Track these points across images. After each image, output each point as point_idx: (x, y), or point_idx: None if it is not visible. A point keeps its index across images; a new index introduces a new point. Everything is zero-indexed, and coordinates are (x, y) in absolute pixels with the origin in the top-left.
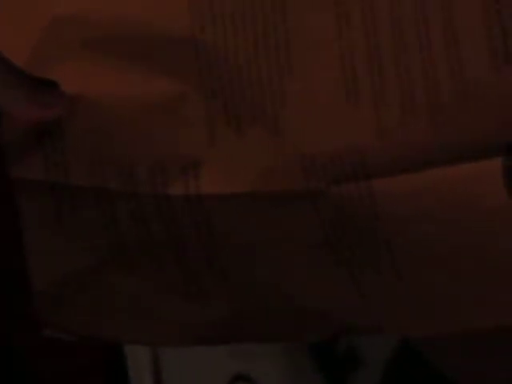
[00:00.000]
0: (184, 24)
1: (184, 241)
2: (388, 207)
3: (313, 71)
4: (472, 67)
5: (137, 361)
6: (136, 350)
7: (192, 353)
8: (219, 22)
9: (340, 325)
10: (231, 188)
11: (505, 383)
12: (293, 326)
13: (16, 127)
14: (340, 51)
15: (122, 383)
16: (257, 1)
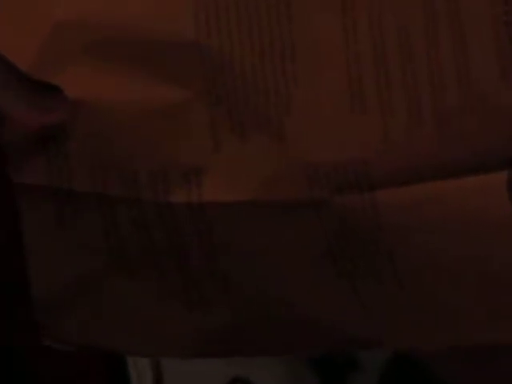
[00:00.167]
0: (189, 30)
1: (186, 248)
2: (391, 218)
3: (319, 80)
4: (480, 79)
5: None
6: None
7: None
8: (225, 29)
9: (341, 337)
10: (234, 196)
11: None
12: (293, 338)
13: (18, 131)
14: (346, 60)
15: None
16: (263, 9)
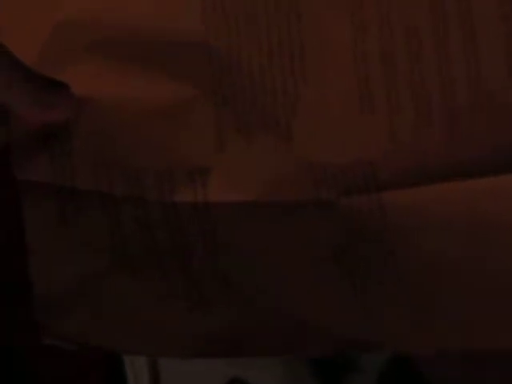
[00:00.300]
0: (196, 29)
1: (189, 248)
2: (397, 219)
3: (327, 81)
4: (489, 77)
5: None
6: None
7: None
8: (233, 28)
9: (340, 339)
10: (239, 196)
11: None
12: (292, 339)
13: (23, 128)
14: (354, 60)
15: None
16: (272, 9)
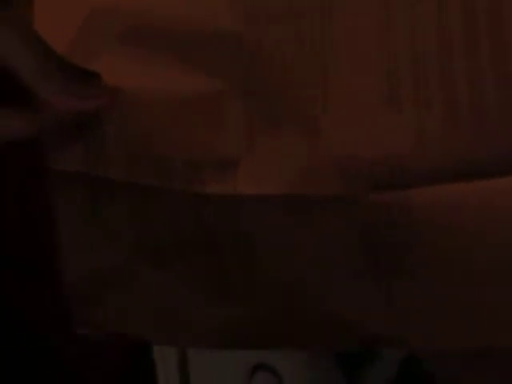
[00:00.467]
0: (226, 20)
1: (216, 240)
2: (421, 216)
3: (357, 76)
4: None
5: (164, 349)
6: None
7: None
8: (265, 23)
9: (364, 334)
10: (268, 189)
11: None
12: (316, 333)
13: (57, 118)
14: (384, 58)
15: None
16: (304, 4)
